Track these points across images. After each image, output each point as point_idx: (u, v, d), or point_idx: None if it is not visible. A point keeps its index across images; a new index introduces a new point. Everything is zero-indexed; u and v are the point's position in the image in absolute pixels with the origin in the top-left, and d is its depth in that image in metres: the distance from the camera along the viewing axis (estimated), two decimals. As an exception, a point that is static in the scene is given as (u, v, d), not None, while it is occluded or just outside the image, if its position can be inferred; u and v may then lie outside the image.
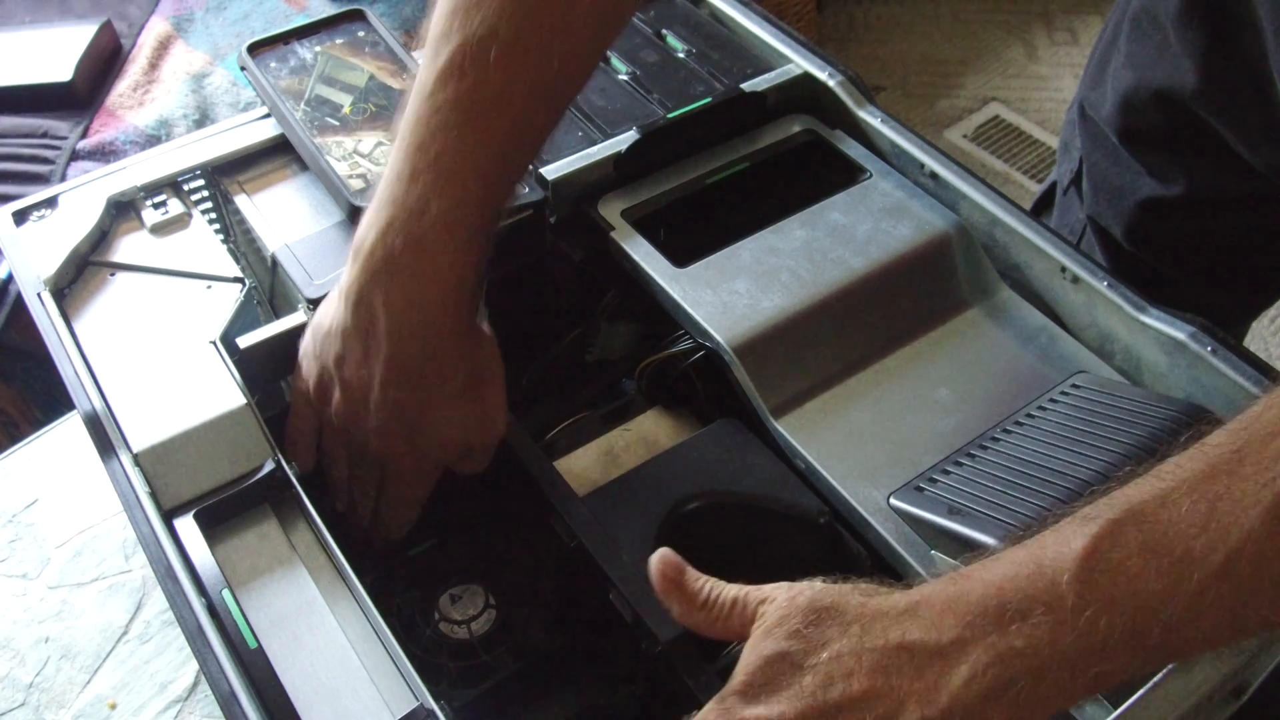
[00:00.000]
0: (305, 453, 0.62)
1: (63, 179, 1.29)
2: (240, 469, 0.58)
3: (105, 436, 0.58)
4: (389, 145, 0.71)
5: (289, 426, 0.62)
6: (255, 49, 0.77)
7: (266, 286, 0.72)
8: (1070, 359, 0.65)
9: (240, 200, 0.72)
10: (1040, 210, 0.96)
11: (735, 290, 0.66)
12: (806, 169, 0.76)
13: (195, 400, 0.59)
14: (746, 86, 0.76)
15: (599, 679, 0.61)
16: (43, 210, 0.69)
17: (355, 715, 0.50)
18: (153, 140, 1.35)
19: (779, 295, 0.65)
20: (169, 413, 0.59)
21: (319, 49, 0.77)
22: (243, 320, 0.65)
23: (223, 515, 0.57)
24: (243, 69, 0.76)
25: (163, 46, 1.48)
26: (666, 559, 0.50)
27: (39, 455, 0.82)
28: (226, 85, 1.42)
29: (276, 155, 0.75)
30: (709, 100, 0.75)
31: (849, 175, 0.74)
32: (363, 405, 0.58)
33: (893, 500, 0.58)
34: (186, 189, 0.73)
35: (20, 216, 0.69)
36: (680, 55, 0.80)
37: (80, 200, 0.70)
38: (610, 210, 0.71)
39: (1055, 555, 0.42)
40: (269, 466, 0.58)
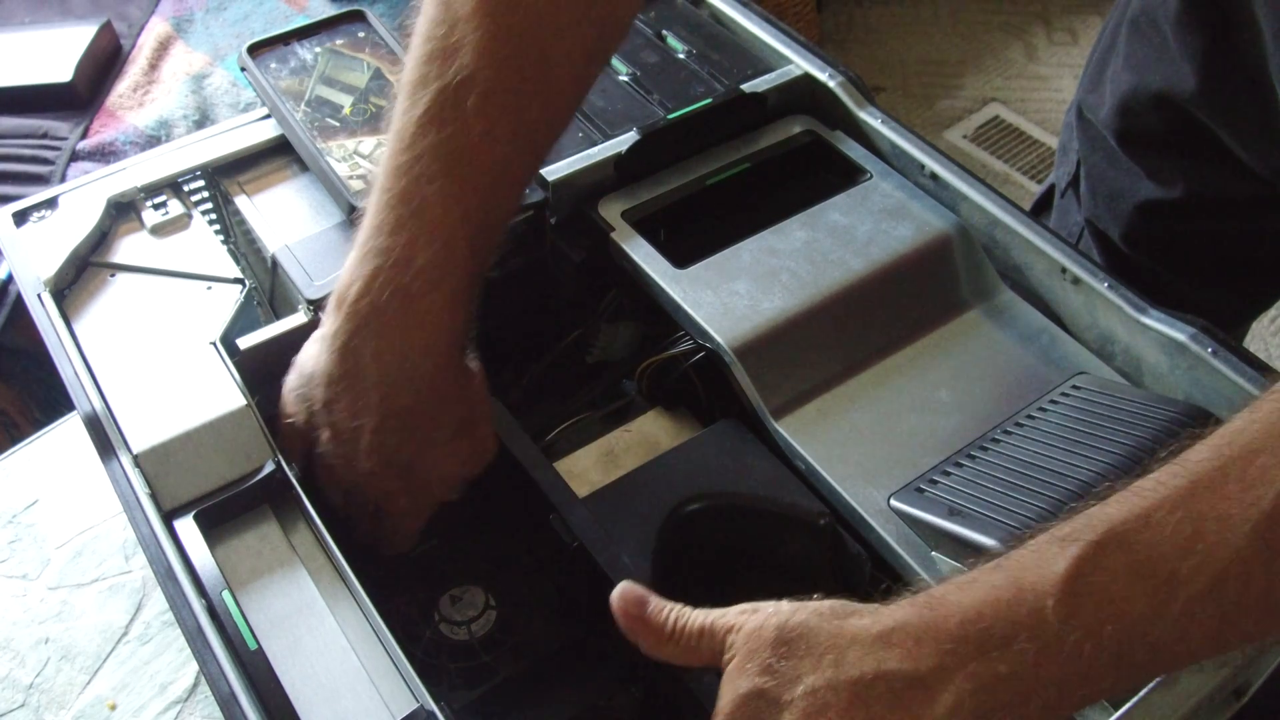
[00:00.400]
0: (298, 461, 0.62)
1: (63, 180, 1.29)
2: (240, 470, 0.58)
3: (105, 437, 0.58)
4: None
5: (279, 442, 0.61)
6: (255, 50, 0.77)
7: (267, 287, 0.72)
8: (1071, 360, 0.65)
9: (240, 201, 0.72)
10: (1038, 212, 0.96)
11: (735, 291, 0.66)
12: (807, 170, 0.76)
13: (195, 401, 0.59)
14: (747, 87, 0.76)
15: (599, 680, 0.61)
16: (43, 211, 0.69)
17: (355, 716, 0.50)
18: (153, 141, 1.35)
19: (779, 296, 0.65)
20: (169, 414, 0.59)
21: (319, 50, 0.77)
22: (243, 321, 0.65)
23: (223, 516, 0.57)
24: (243, 70, 0.76)
25: (163, 47, 1.48)
26: (626, 593, 0.48)
27: (39, 456, 0.82)
28: (226, 86, 1.42)
29: (277, 156, 0.75)
30: (709, 101, 0.75)
31: (849, 176, 0.74)
32: (354, 450, 0.57)
33: (893, 501, 0.58)
34: (187, 190, 0.73)
35: (20, 217, 0.69)
36: (680, 56, 0.80)
37: (80, 201, 0.70)
38: (610, 211, 0.71)
39: (1036, 579, 0.41)
40: (269, 467, 0.58)
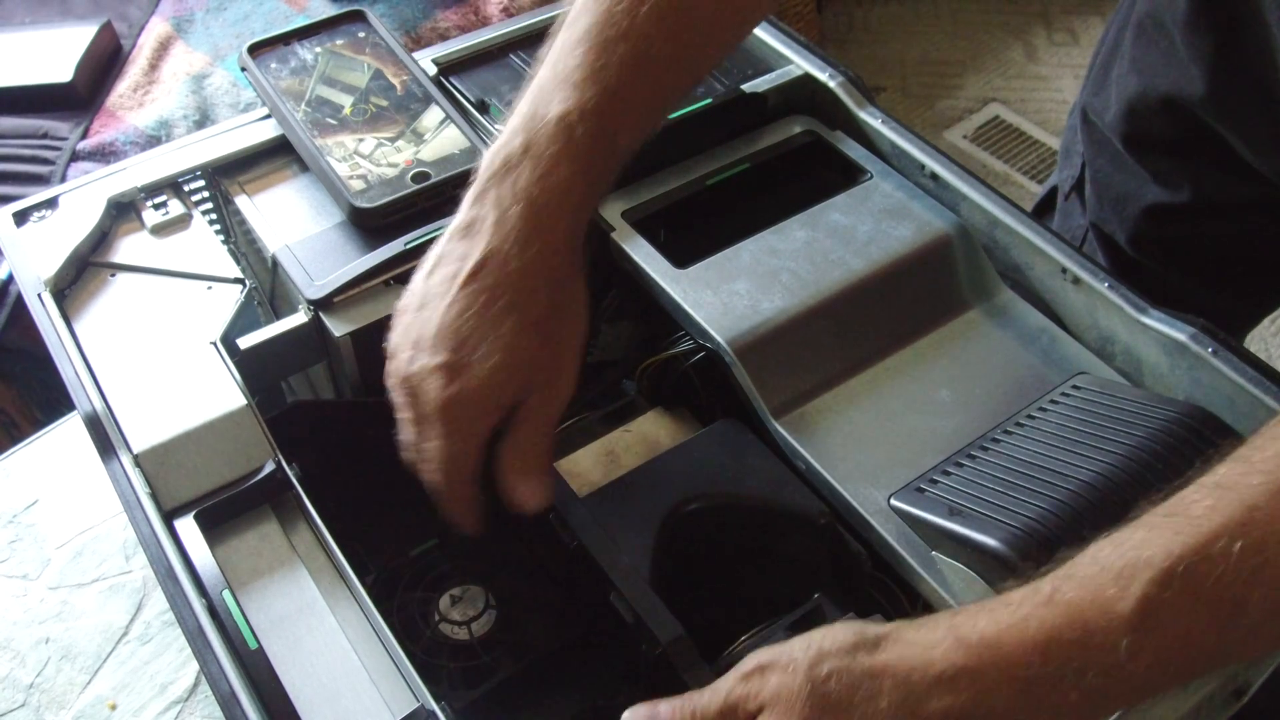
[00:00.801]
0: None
1: (63, 180, 1.29)
2: (240, 470, 0.58)
3: (106, 437, 0.58)
4: (389, 146, 0.71)
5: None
6: (256, 50, 0.77)
7: (267, 287, 0.72)
8: (1071, 360, 0.65)
9: (241, 201, 0.72)
10: (1039, 215, 0.95)
11: (736, 291, 0.66)
12: (807, 170, 0.76)
13: (196, 401, 0.59)
14: (747, 87, 0.76)
15: (599, 680, 0.61)
16: (43, 211, 0.69)
17: (355, 716, 0.50)
18: (153, 141, 1.35)
19: (779, 296, 0.65)
20: (169, 413, 0.59)
21: (319, 50, 0.77)
22: (243, 321, 0.65)
23: (223, 516, 0.57)
24: (243, 70, 0.76)
25: (163, 47, 1.48)
26: (636, 714, 0.48)
27: (39, 456, 0.82)
28: (227, 86, 1.42)
29: (277, 156, 0.75)
30: (709, 101, 0.75)
31: (849, 176, 0.74)
32: (439, 300, 0.55)
33: (893, 501, 0.58)
34: (187, 190, 0.73)
35: (21, 217, 0.69)
36: (681, 56, 0.80)
37: (80, 201, 0.70)
38: (611, 211, 0.71)
39: (1103, 620, 0.41)
40: (269, 467, 0.58)
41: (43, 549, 0.77)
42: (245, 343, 0.64)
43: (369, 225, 0.68)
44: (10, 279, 1.19)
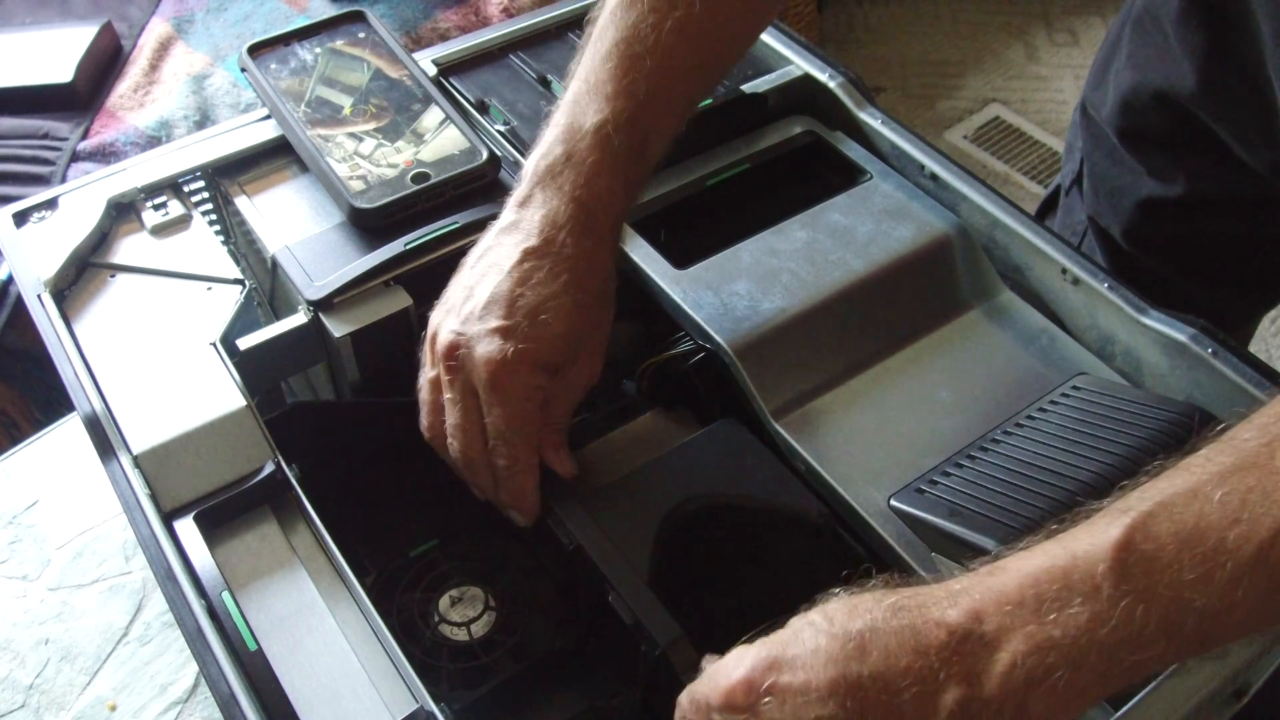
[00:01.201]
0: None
1: (63, 180, 1.29)
2: (240, 471, 0.58)
3: (105, 438, 0.58)
4: (389, 146, 0.71)
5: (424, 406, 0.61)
6: (256, 50, 0.77)
7: (267, 288, 0.72)
8: (1071, 361, 0.65)
9: (240, 201, 0.72)
10: (1045, 212, 0.96)
11: (736, 291, 0.66)
12: (807, 170, 0.76)
13: (195, 402, 0.59)
14: (747, 88, 0.76)
15: (599, 681, 0.61)
16: (43, 211, 0.69)
17: (355, 717, 0.50)
18: (153, 141, 1.35)
19: (779, 296, 0.65)
20: (169, 414, 0.59)
21: (319, 50, 0.77)
22: (243, 322, 0.65)
23: (223, 517, 0.57)
24: (243, 70, 0.76)
25: (163, 48, 1.48)
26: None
27: (39, 456, 0.82)
28: (227, 86, 1.42)
29: (277, 156, 0.75)
30: (709, 102, 0.75)
31: (849, 177, 0.74)
32: (492, 278, 0.58)
33: (893, 502, 0.58)
34: (187, 190, 0.73)
35: (20, 218, 0.69)
36: (681, 56, 0.80)
37: (80, 201, 0.70)
38: (610, 211, 0.71)
39: (1089, 547, 0.43)
40: (269, 468, 0.58)
41: (43, 550, 0.77)
42: (245, 343, 0.64)
43: (369, 226, 0.68)
44: (10, 279, 1.19)
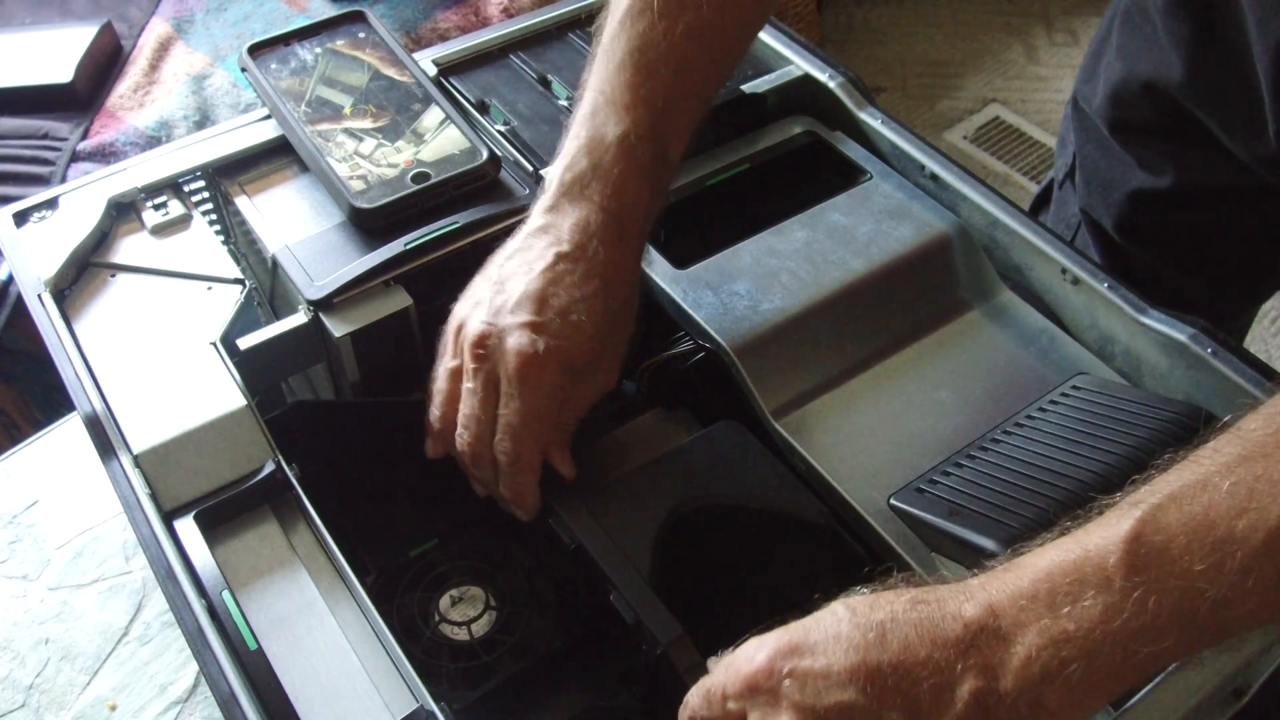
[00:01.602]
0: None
1: (63, 180, 1.29)
2: (240, 470, 0.58)
3: (105, 438, 0.58)
4: (389, 146, 0.71)
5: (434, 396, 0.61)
6: (256, 50, 0.77)
7: (267, 288, 0.72)
8: (1071, 360, 0.65)
9: (241, 201, 0.72)
10: (1039, 207, 0.96)
11: (736, 292, 0.66)
12: (807, 170, 0.76)
13: (196, 401, 0.59)
14: (747, 88, 0.76)
15: (600, 680, 0.61)
16: (43, 211, 0.69)
17: (355, 717, 0.50)
18: (153, 141, 1.35)
19: (779, 296, 0.65)
20: (169, 414, 0.59)
21: (319, 50, 0.77)
22: (243, 321, 0.65)
23: (223, 516, 0.57)
24: (243, 70, 0.76)
25: (163, 48, 1.48)
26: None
27: (39, 456, 0.82)
28: (227, 86, 1.42)
29: (277, 156, 0.75)
30: (709, 101, 0.75)
31: (849, 177, 0.74)
32: (523, 277, 0.59)
33: (893, 501, 0.58)
34: (187, 190, 0.73)
35: (21, 218, 0.69)
36: (681, 56, 0.80)
37: (81, 201, 0.70)
38: (611, 211, 0.71)
39: (1101, 540, 0.43)
40: (269, 468, 0.58)
41: (43, 549, 0.77)
42: (245, 343, 0.64)
43: (369, 226, 0.68)
44: (10, 279, 1.19)
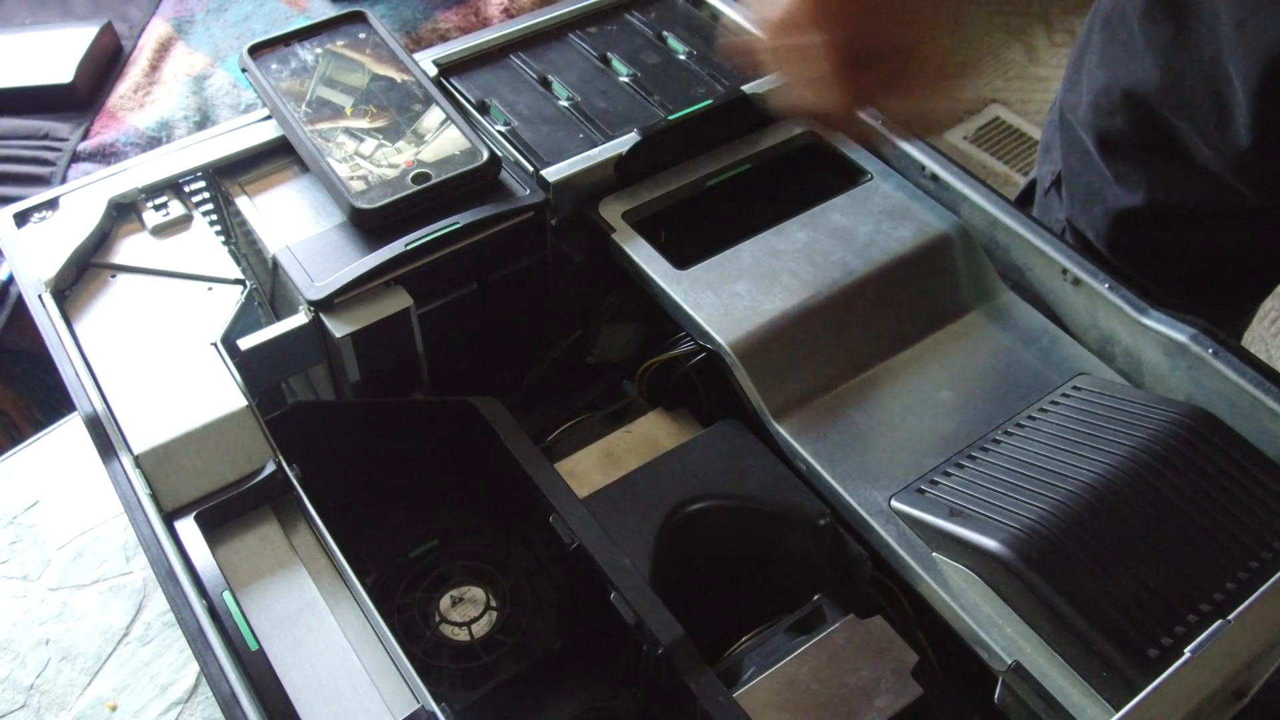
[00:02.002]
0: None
1: (63, 180, 1.29)
2: (241, 471, 0.58)
3: (106, 438, 0.58)
4: (390, 147, 0.71)
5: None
6: (256, 51, 0.77)
7: (267, 288, 0.72)
8: (1071, 361, 0.65)
9: (241, 202, 0.72)
10: (1019, 208, 0.96)
11: (736, 292, 0.66)
12: (807, 171, 0.76)
13: (196, 402, 0.59)
14: (747, 88, 0.76)
15: (600, 681, 0.61)
16: (43, 212, 0.69)
17: (356, 717, 0.50)
18: (153, 142, 1.35)
19: (780, 297, 0.65)
20: (170, 414, 0.59)
21: (320, 51, 0.77)
22: (244, 322, 0.65)
23: (224, 517, 0.57)
24: (244, 71, 0.76)
25: (163, 48, 1.48)
26: None
27: (40, 457, 0.82)
28: (227, 87, 1.42)
29: (278, 157, 0.75)
30: (710, 102, 0.75)
31: (849, 177, 0.74)
32: None
33: (894, 502, 0.58)
34: (187, 190, 0.73)
35: (21, 218, 0.69)
36: (681, 57, 0.80)
37: (81, 202, 0.70)
38: (611, 212, 0.71)
39: None
40: (269, 468, 0.58)
41: (43, 550, 0.77)
42: (246, 344, 0.64)
43: (369, 226, 0.68)
44: (10, 280, 1.19)
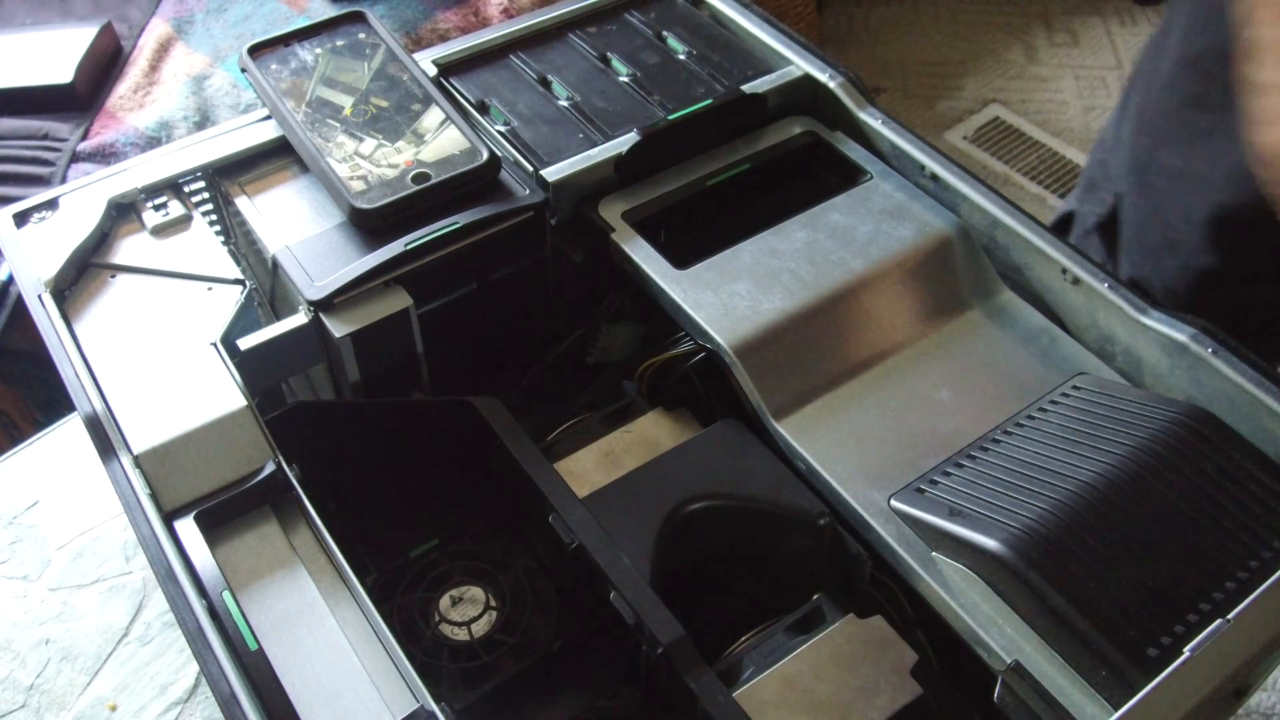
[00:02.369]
0: None
1: (63, 181, 1.29)
2: (241, 471, 0.58)
3: (106, 438, 0.58)
4: (389, 147, 0.71)
5: None
6: (256, 51, 0.77)
7: (267, 288, 0.72)
8: (1071, 360, 0.65)
9: (241, 202, 0.72)
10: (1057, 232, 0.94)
11: (736, 292, 0.66)
12: (807, 170, 0.76)
13: (196, 402, 0.59)
14: (747, 88, 0.76)
15: (600, 680, 0.61)
16: (43, 212, 0.70)
17: (356, 717, 0.50)
18: (153, 142, 1.35)
19: (780, 297, 0.65)
20: (170, 414, 0.59)
21: (319, 51, 0.77)
22: (243, 322, 0.65)
23: (223, 517, 0.57)
24: (243, 71, 0.76)
25: (163, 48, 1.48)
26: None
27: (39, 457, 0.82)
28: (227, 87, 1.42)
29: (277, 157, 0.75)
30: (709, 102, 0.75)
31: (849, 177, 0.74)
32: None
33: (893, 502, 0.58)
34: (187, 190, 0.73)
35: (21, 218, 0.69)
36: (681, 57, 0.80)
37: (81, 202, 0.70)
38: (611, 212, 0.71)
39: None
40: (269, 468, 0.58)
41: (43, 550, 0.77)
42: (245, 343, 0.64)
43: (369, 226, 0.68)
44: (10, 280, 1.19)
